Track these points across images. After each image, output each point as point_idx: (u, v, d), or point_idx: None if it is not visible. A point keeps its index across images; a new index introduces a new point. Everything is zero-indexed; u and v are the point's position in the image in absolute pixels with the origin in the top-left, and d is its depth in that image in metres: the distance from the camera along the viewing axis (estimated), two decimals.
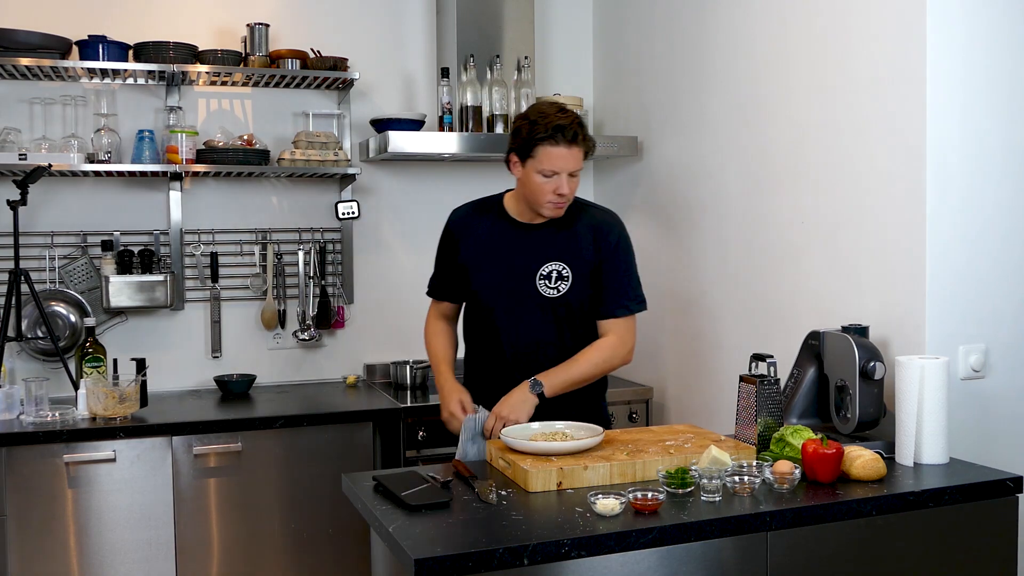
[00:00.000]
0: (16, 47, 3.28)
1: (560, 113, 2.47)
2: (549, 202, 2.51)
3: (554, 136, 2.43)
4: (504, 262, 2.61)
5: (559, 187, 2.47)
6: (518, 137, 2.50)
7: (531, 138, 2.46)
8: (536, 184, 2.49)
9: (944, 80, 2.43)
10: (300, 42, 3.75)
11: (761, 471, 2.10)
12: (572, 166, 2.47)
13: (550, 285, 2.58)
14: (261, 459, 3.21)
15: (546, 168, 2.46)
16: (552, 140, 2.44)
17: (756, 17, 3.09)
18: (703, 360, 3.44)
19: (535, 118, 2.47)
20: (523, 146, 2.48)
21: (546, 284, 2.58)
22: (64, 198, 3.59)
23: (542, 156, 2.45)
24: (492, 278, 2.62)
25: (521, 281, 2.59)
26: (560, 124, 2.44)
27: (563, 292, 2.58)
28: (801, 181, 2.90)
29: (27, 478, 2.98)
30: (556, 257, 2.58)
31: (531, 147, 2.46)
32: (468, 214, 2.71)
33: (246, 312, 3.80)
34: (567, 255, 2.59)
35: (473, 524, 1.90)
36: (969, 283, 2.48)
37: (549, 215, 2.56)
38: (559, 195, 2.49)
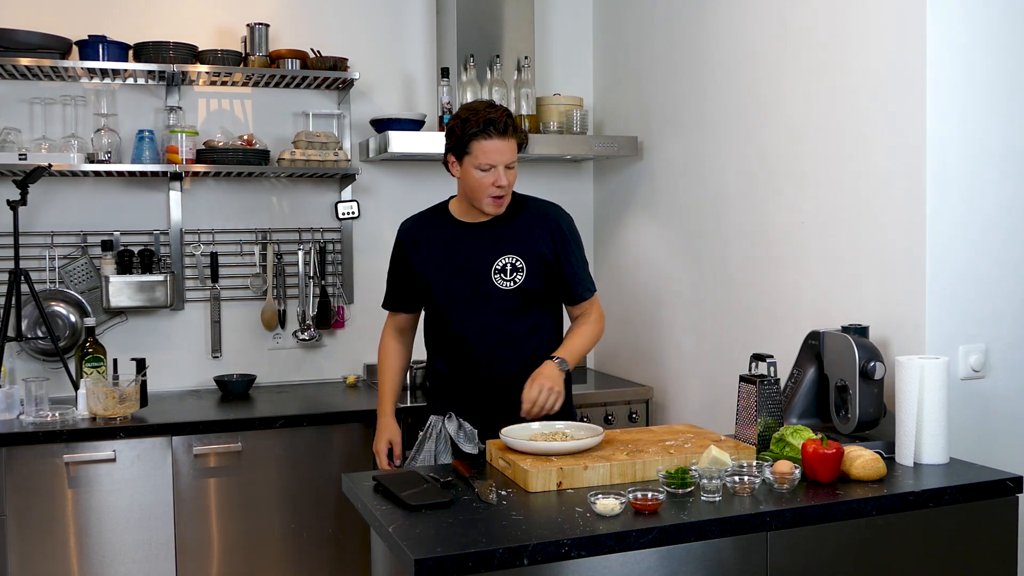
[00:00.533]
0: (16, 47, 3.28)
1: (489, 108, 2.56)
2: (490, 196, 2.57)
3: (486, 130, 2.51)
4: (458, 263, 2.67)
5: (497, 179, 2.54)
6: (452, 137, 2.58)
7: (464, 135, 2.53)
8: (475, 180, 2.56)
9: (944, 80, 2.43)
10: (300, 42, 3.75)
11: (761, 471, 2.10)
12: (507, 158, 2.54)
13: (506, 277, 2.64)
14: (261, 459, 3.21)
15: (482, 162, 2.53)
16: (485, 134, 2.51)
17: (756, 17, 3.09)
18: (703, 360, 3.44)
19: (466, 116, 2.55)
20: (457, 144, 2.56)
21: (502, 277, 2.64)
22: (64, 198, 3.59)
23: (477, 151, 2.52)
24: (449, 281, 2.68)
25: (477, 278, 2.65)
26: (491, 118, 2.52)
27: (520, 283, 2.64)
28: (801, 181, 2.90)
29: (27, 478, 2.98)
30: (508, 250, 2.65)
31: (465, 143, 2.54)
32: (416, 224, 2.78)
33: (246, 312, 3.80)
34: (518, 247, 2.65)
35: (473, 524, 1.90)
36: (969, 283, 2.48)
37: (490, 211, 2.62)
38: (498, 187, 2.55)
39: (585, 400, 3.59)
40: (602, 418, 3.59)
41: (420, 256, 2.72)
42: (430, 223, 2.75)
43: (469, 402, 2.69)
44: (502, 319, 2.66)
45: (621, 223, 3.99)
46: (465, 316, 2.67)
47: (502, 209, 2.63)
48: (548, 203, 2.80)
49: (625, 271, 3.97)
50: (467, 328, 2.68)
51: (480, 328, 2.66)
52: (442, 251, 2.69)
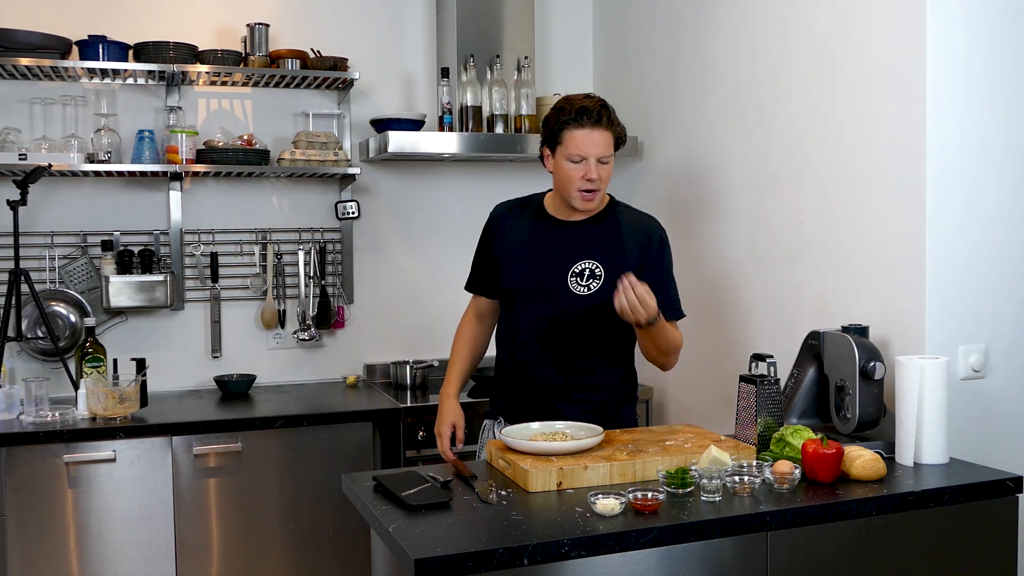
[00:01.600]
0: (16, 47, 3.28)
1: (586, 98, 2.48)
2: (579, 190, 2.47)
3: (579, 119, 2.43)
4: (536, 258, 2.57)
5: (588, 172, 2.44)
6: (547, 127, 2.51)
7: (557, 124, 2.46)
8: (565, 172, 2.47)
9: (944, 80, 2.43)
10: (300, 42, 3.75)
11: (761, 471, 2.10)
12: (600, 150, 2.44)
13: (582, 283, 2.52)
14: (261, 459, 3.21)
15: (573, 153, 2.44)
16: (577, 123, 2.43)
17: (756, 17, 3.09)
18: (703, 360, 3.44)
19: (561, 105, 2.49)
20: (551, 134, 2.49)
21: (578, 281, 2.52)
22: (64, 198, 3.59)
23: (568, 140, 2.44)
24: (521, 274, 2.58)
25: (552, 277, 2.54)
26: (584, 106, 2.44)
27: (594, 291, 2.51)
28: (801, 181, 2.90)
29: (27, 478, 2.98)
30: (591, 255, 2.53)
31: (558, 133, 2.46)
32: (507, 210, 2.70)
33: (246, 312, 3.80)
34: (603, 253, 2.53)
35: (473, 524, 1.90)
36: (969, 283, 2.48)
37: (579, 206, 2.51)
38: (588, 180, 2.45)
39: None
40: None
41: (501, 242, 2.64)
42: (520, 211, 2.66)
43: (516, 405, 2.62)
44: (566, 324, 2.53)
45: None
46: (529, 313, 2.56)
47: (592, 205, 2.52)
48: (645, 214, 2.67)
49: None
50: (528, 325, 2.57)
51: (541, 328, 2.55)
52: (524, 241, 2.60)
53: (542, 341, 2.57)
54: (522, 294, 2.59)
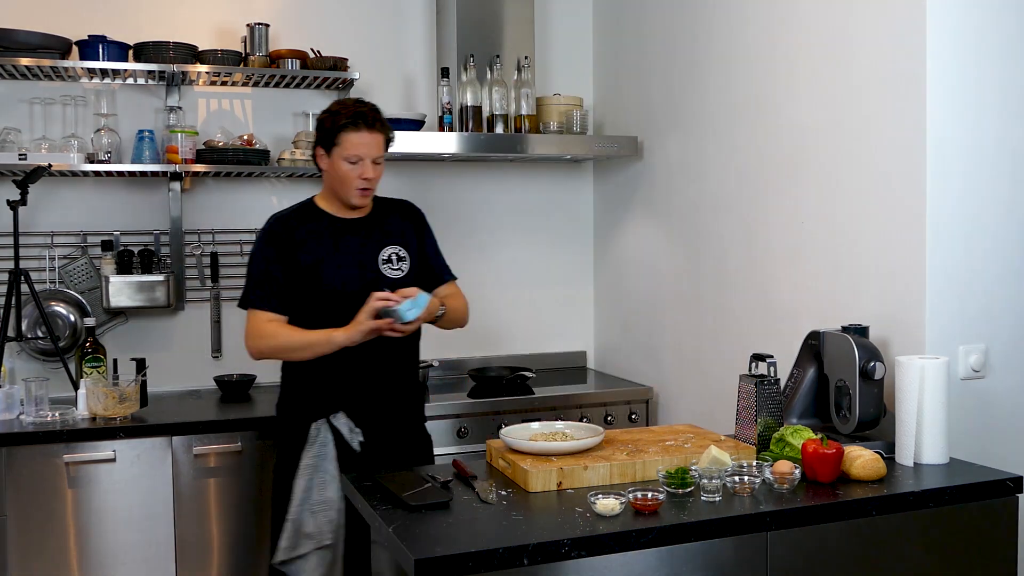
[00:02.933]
0: (16, 47, 3.28)
1: (358, 103, 2.67)
2: (356, 188, 2.65)
3: (355, 122, 2.61)
4: (344, 254, 2.70)
5: (364, 172, 2.63)
6: (322, 129, 2.66)
7: (334, 127, 2.62)
8: (343, 171, 2.64)
9: (944, 80, 2.43)
10: (300, 42, 3.75)
11: (761, 471, 2.10)
12: (374, 151, 2.64)
13: (393, 267, 2.74)
14: (261, 459, 3.21)
15: (351, 154, 2.62)
16: (354, 126, 2.61)
17: (756, 17, 3.09)
18: (703, 360, 3.44)
19: (336, 109, 2.66)
20: (327, 136, 2.64)
21: (390, 267, 2.73)
22: (64, 198, 3.59)
23: (346, 143, 2.61)
24: (338, 271, 2.68)
25: (367, 269, 2.70)
26: (359, 111, 2.63)
27: (406, 272, 2.75)
28: (801, 181, 2.90)
29: (27, 478, 2.98)
30: (389, 241, 2.76)
31: (335, 135, 2.62)
32: (291, 219, 2.74)
33: None
34: (397, 238, 2.78)
35: (473, 524, 1.90)
36: (969, 283, 2.48)
37: (356, 203, 2.69)
38: (365, 179, 2.64)
39: (585, 400, 3.59)
40: (602, 418, 3.59)
41: (305, 250, 2.68)
42: (305, 217, 2.74)
43: (355, 398, 2.69)
44: None
45: (621, 223, 3.99)
46: (355, 307, 2.57)
47: (367, 201, 2.71)
48: (402, 200, 2.92)
49: (625, 271, 3.97)
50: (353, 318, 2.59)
51: None
52: (327, 243, 2.70)
53: None
54: (344, 292, 2.66)
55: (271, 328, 2.66)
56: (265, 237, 2.72)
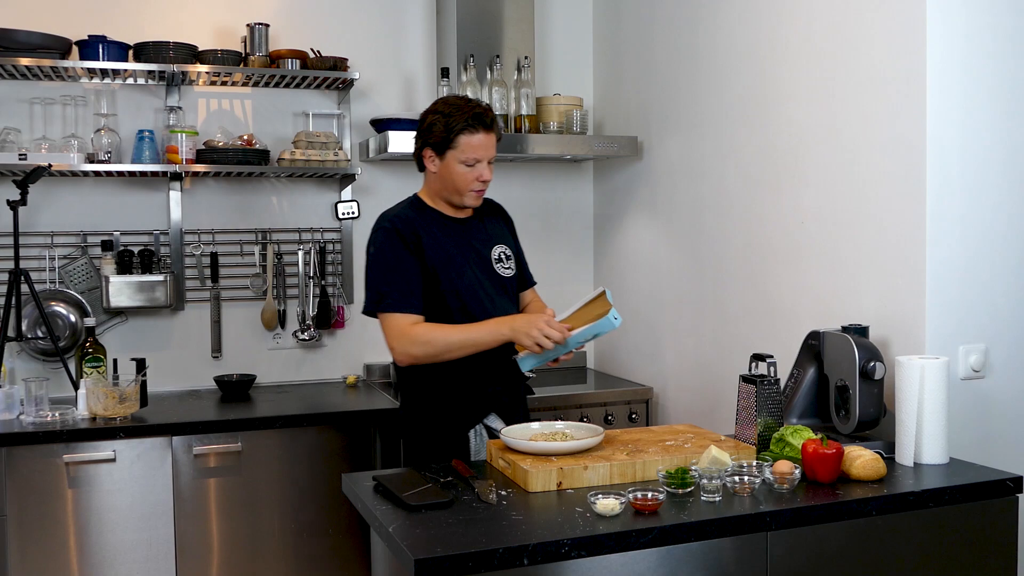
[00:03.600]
0: (16, 47, 3.28)
1: (471, 102, 2.56)
2: (472, 190, 2.58)
3: (474, 124, 2.51)
4: (465, 254, 2.64)
5: (481, 174, 2.56)
6: (434, 131, 2.53)
7: (449, 129, 2.51)
8: (459, 174, 2.55)
9: (944, 80, 2.43)
10: (300, 42, 3.75)
11: (761, 471, 2.10)
12: (491, 152, 2.57)
13: (505, 266, 2.70)
14: (261, 459, 3.21)
15: (469, 157, 2.53)
16: (472, 128, 2.51)
17: (756, 17, 3.09)
18: (703, 360, 3.44)
19: (449, 111, 2.52)
20: (441, 138, 2.52)
21: (501, 266, 2.69)
22: (64, 198, 3.59)
23: (464, 145, 2.52)
24: (464, 271, 2.61)
25: (485, 268, 2.65)
26: (477, 112, 2.53)
27: (514, 270, 2.72)
28: (801, 181, 2.90)
29: (27, 478, 2.98)
30: (498, 241, 2.71)
31: (452, 138, 2.51)
32: (410, 216, 2.60)
33: (246, 312, 3.80)
34: (501, 238, 2.73)
35: (473, 524, 1.90)
36: (969, 283, 2.48)
37: (471, 204, 2.62)
38: (482, 181, 2.57)
39: (585, 400, 3.59)
40: (602, 418, 3.59)
41: (432, 249, 2.56)
42: (420, 216, 2.61)
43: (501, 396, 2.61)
44: (507, 307, 2.66)
45: (621, 223, 3.99)
46: (480, 307, 2.58)
47: (480, 202, 2.65)
48: (488, 199, 2.77)
49: (625, 271, 3.97)
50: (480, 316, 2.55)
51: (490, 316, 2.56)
52: (445, 243, 2.59)
53: None
54: (470, 291, 2.61)
55: (421, 331, 2.47)
56: (390, 237, 2.54)
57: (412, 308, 2.49)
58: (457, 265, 2.60)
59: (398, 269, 2.51)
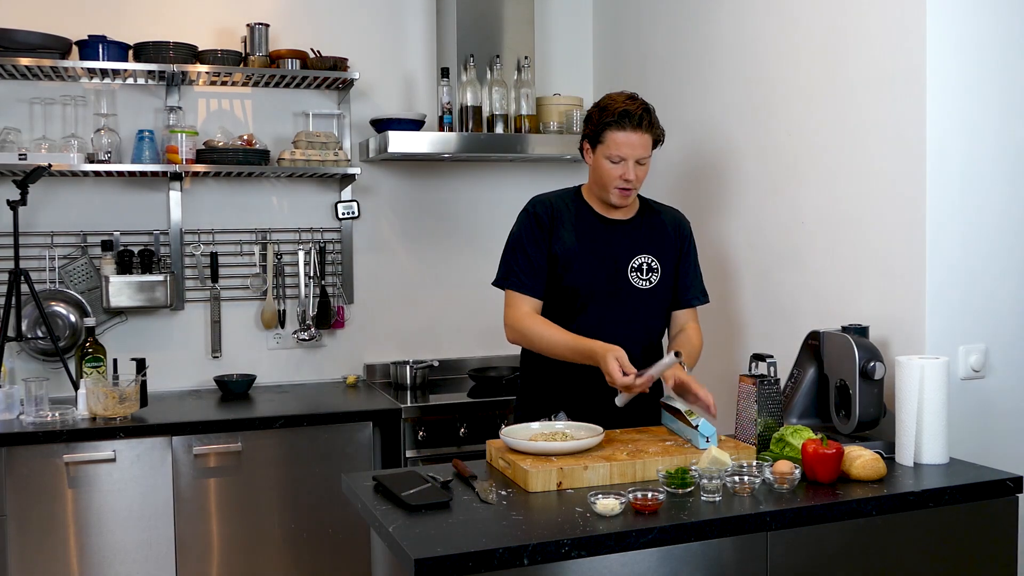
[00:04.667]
0: (16, 47, 3.28)
1: (629, 100, 2.55)
2: (616, 188, 2.55)
3: (620, 121, 2.51)
4: (598, 254, 2.61)
5: (625, 173, 2.53)
6: (589, 124, 2.58)
7: (599, 124, 2.53)
8: (604, 170, 2.55)
9: (944, 80, 2.43)
10: (300, 42, 3.75)
11: (761, 471, 2.10)
12: (639, 152, 2.53)
13: (642, 277, 2.64)
14: (261, 459, 3.21)
15: (613, 153, 2.52)
16: (619, 125, 2.51)
17: (756, 17, 3.09)
18: (703, 360, 3.43)
19: (604, 104, 2.55)
20: (593, 132, 2.55)
21: (638, 276, 2.63)
22: (64, 198, 3.59)
23: (609, 141, 2.52)
24: (588, 270, 2.59)
25: (614, 273, 2.61)
26: (627, 110, 2.51)
27: (654, 284, 2.64)
28: (801, 181, 2.90)
29: (27, 478, 2.98)
30: (645, 250, 2.65)
31: (600, 132, 2.53)
32: (554, 203, 2.65)
33: (246, 312, 3.80)
34: (654, 247, 2.66)
35: (473, 524, 1.90)
36: (969, 283, 2.48)
37: (616, 202, 2.59)
38: (626, 180, 2.53)
39: None
40: None
41: (560, 238, 2.60)
42: (568, 204, 2.65)
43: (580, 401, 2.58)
44: (631, 318, 2.62)
45: None
46: (596, 310, 2.59)
47: (627, 202, 2.60)
48: (672, 207, 2.82)
49: None
50: (596, 322, 2.57)
51: (610, 324, 2.58)
52: (581, 237, 2.60)
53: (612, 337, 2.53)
54: (587, 291, 2.60)
55: (527, 322, 2.55)
56: (527, 219, 2.62)
57: (530, 291, 2.59)
58: (582, 263, 2.60)
59: (527, 251, 2.60)
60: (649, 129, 2.55)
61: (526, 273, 2.60)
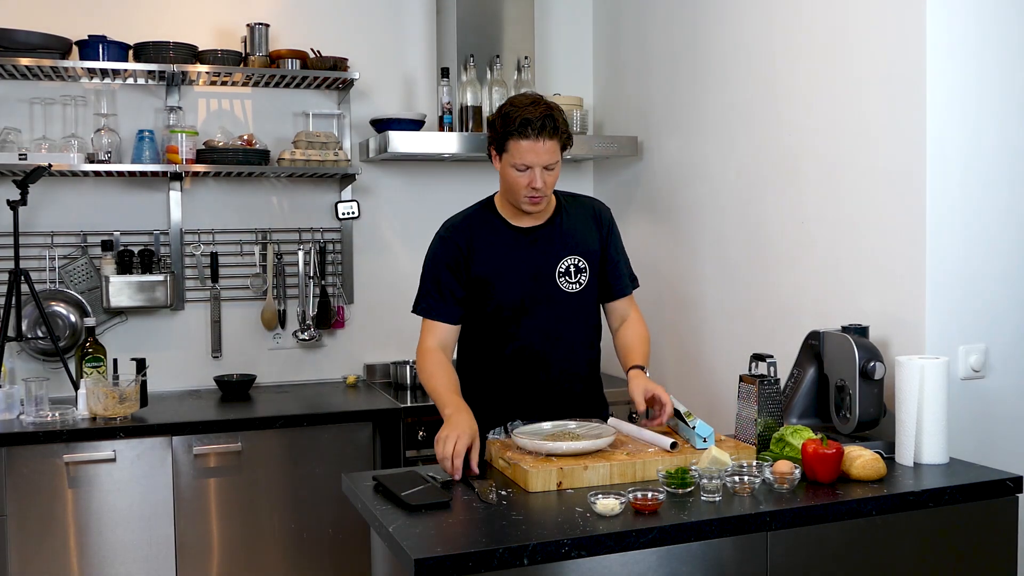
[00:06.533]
0: (16, 47, 3.28)
1: (532, 106, 2.40)
2: (525, 196, 2.44)
3: (522, 129, 2.37)
4: (522, 267, 2.53)
5: (533, 181, 2.40)
6: (492, 131, 2.47)
7: (503, 132, 2.41)
8: (512, 178, 2.44)
9: (944, 80, 2.43)
10: (300, 42, 3.75)
11: (761, 471, 2.10)
12: (544, 159, 2.40)
13: (571, 280, 2.56)
14: (261, 459, 3.21)
15: (518, 162, 2.40)
16: (521, 134, 2.37)
17: (756, 17, 3.09)
18: (703, 360, 3.44)
19: (506, 111, 2.42)
20: (497, 139, 2.44)
21: (567, 280, 2.55)
22: (64, 198, 3.59)
23: (513, 150, 2.40)
24: (514, 285, 2.52)
25: (543, 282, 2.53)
26: (527, 118, 2.37)
27: (584, 284, 2.57)
28: (801, 181, 2.90)
29: (27, 478, 2.98)
30: (568, 251, 2.56)
31: (503, 141, 2.41)
32: (468, 223, 2.57)
33: (246, 312, 3.80)
34: (578, 247, 2.57)
35: (473, 524, 1.90)
36: (969, 283, 2.48)
37: (528, 210, 2.49)
38: (534, 188, 2.42)
39: None
40: (603, 418, 3.58)
41: (480, 260, 2.53)
42: (482, 223, 2.57)
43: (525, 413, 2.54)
44: (568, 324, 2.57)
45: (621, 223, 3.95)
46: (529, 323, 2.53)
47: (539, 209, 2.50)
48: (591, 198, 2.72)
49: None
50: (533, 335, 2.54)
51: (547, 334, 2.54)
52: (503, 253, 2.54)
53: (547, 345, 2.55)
54: (516, 307, 2.54)
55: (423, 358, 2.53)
56: (440, 244, 2.56)
57: (438, 316, 2.56)
58: (507, 280, 2.53)
59: (438, 278, 2.55)
60: (553, 135, 2.38)
61: (435, 299, 2.55)
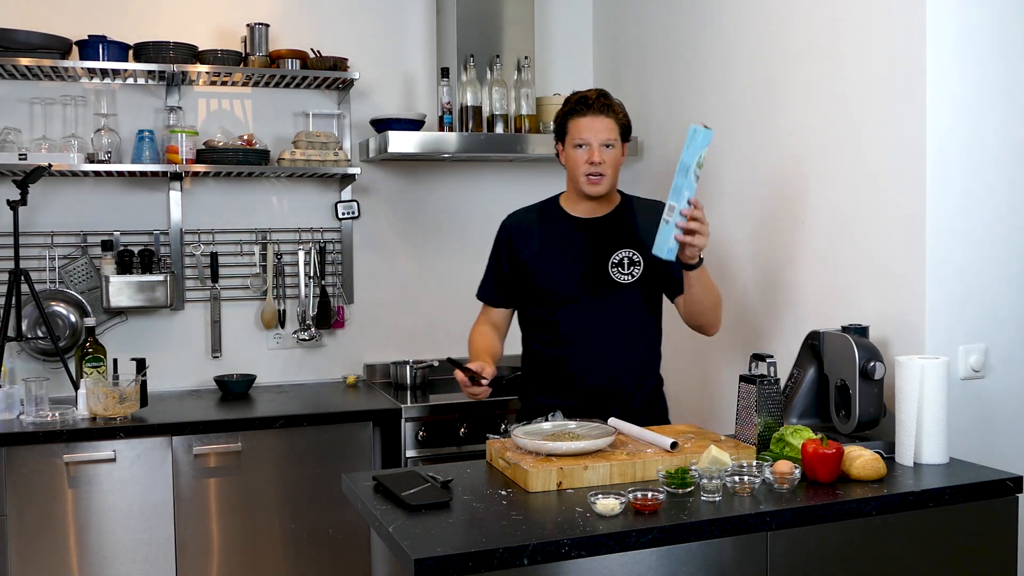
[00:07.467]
0: (16, 47, 3.28)
1: (588, 90, 2.64)
2: (585, 175, 2.59)
3: (578, 107, 2.59)
4: (572, 255, 2.65)
5: (591, 156, 2.56)
6: (556, 122, 2.67)
7: (563, 116, 2.63)
8: (573, 158, 2.61)
9: (944, 80, 2.43)
10: (300, 42, 3.75)
11: (761, 471, 2.10)
12: (601, 135, 2.57)
13: (623, 271, 2.64)
14: (261, 459, 3.21)
15: (576, 138, 2.58)
16: (577, 112, 2.59)
17: (756, 16, 3.09)
18: (703, 360, 3.44)
19: (566, 99, 2.66)
20: (559, 127, 2.65)
21: (619, 271, 2.64)
22: (64, 198, 3.59)
23: (572, 129, 2.60)
24: (558, 270, 2.64)
25: (593, 271, 2.63)
26: (583, 95, 2.61)
27: (636, 277, 2.64)
28: (801, 181, 2.90)
29: (27, 478, 2.98)
30: (625, 244, 2.65)
31: (564, 124, 2.62)
32: (523, 215, 2.78)
33: (246, 312, 3.80)
34: (634, 241, 2.66)
35: (473, 524, 1.90)
36: (969, 283, 2.48)
37: (587, 190, 2.61)
38: (592, 164, 2.57)
39: None
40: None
41: (526, 245, 2.70)
42: (537, 214, 2.75)
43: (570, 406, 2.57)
44: (619, 315, 2.64)
45: None
46: (576, 309, 2.63)
47: (600, 189, 2.61)
48: (654, 200, 2.80)
49: None
50: (579, 322, 2.63)
51: (592, 323, 2.62)
52: (553, 241, 2.68)
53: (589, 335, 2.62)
54: (562, 292, 2.63)
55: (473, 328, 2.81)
56: (498, 234, 2.79)
57: (484, 297, 2.82)
58: (550, 264, 2.66)
59: (490, 263, 2.81)
60: (607, 111, 2.58)
61: (487, 282, 2.81)
